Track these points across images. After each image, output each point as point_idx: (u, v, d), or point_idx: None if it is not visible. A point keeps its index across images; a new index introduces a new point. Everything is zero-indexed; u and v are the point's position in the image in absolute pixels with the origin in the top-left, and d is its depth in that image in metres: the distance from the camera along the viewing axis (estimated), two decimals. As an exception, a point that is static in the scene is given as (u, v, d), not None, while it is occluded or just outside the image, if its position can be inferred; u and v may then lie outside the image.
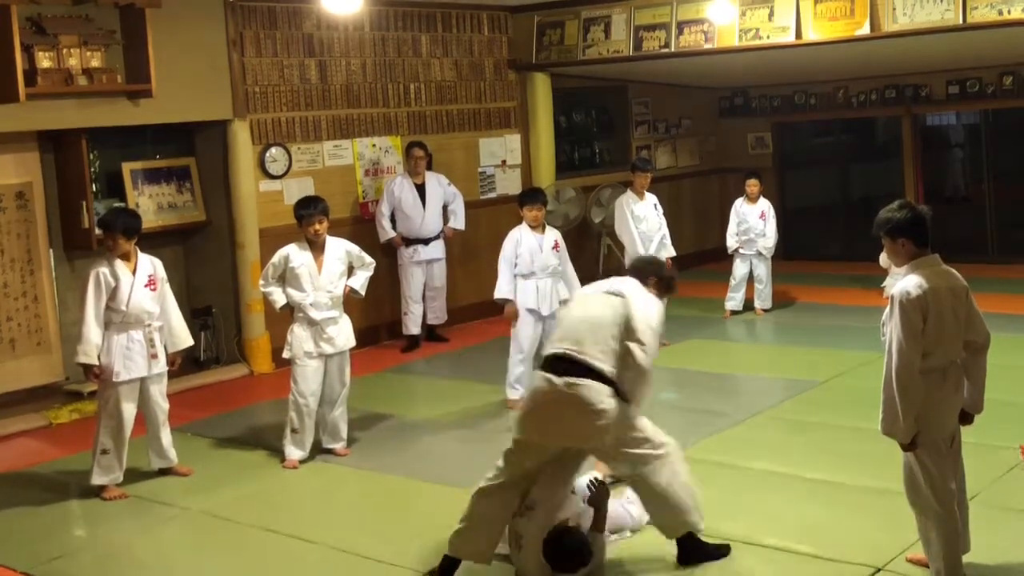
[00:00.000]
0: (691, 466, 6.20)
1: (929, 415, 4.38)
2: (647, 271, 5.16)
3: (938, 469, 4.43)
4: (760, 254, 10.41)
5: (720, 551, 4.93)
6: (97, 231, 7.62)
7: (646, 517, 5.19)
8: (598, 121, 12.78)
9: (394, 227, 9.73)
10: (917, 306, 4.31)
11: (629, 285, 4.95)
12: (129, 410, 6.35)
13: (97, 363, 6.23)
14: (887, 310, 4.46)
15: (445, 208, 9.94)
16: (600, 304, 4.83)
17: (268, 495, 6.31)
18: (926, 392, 4.35)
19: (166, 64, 8.16)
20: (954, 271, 4.52)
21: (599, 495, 4.91)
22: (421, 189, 9.75)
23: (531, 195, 7.93)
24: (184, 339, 6.69)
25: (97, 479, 6.31)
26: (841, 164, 14.13)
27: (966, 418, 4.58)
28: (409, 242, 9.75)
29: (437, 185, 9.86)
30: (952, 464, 4.52)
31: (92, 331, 6.19)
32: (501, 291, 7.68)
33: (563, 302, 7.90)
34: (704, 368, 8.60)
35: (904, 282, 4.41)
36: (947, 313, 4.38)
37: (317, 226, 6.68)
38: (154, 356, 6.41)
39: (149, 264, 6.45)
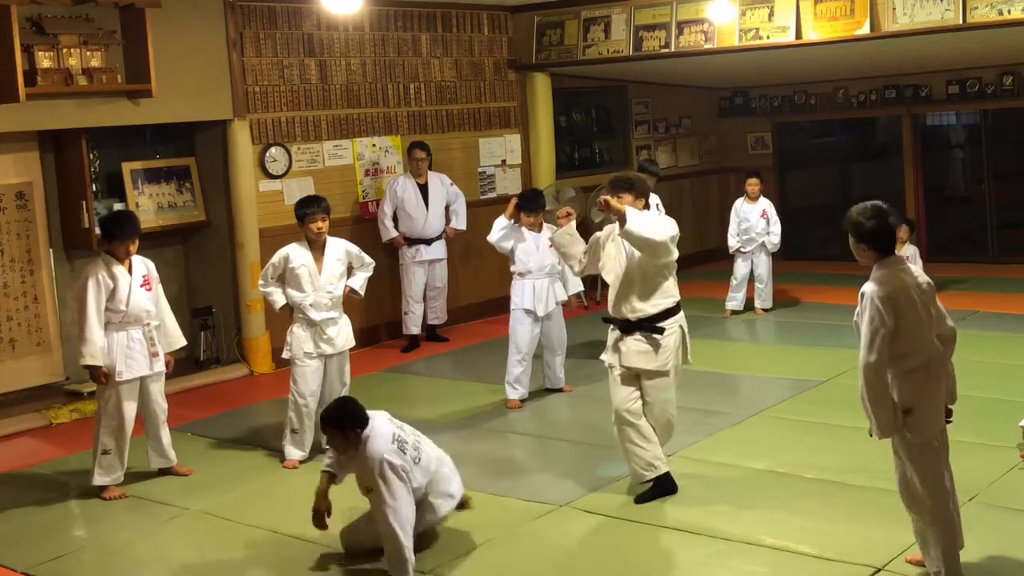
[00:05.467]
0: (691, 466, 6.25)
1: (918, 413, 4.38)
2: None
3: (932, 467, 4.42)
4: (763, 247, 10.40)
5: None
6: (97, 232, 7.61)
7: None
8: (598, 121, 12.77)
9: (396, 227, 9.74)
10: (887, 303, 4.33)
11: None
12: (130, 409, 6.35)
13: (103, 364, 6.23)
14: (858, 307, 4.47)
15: (447, 208, 9.95)
16: None
17: (268, 495, 6.31)
18: (913, 390, 4.35)
19: (166, 64, 8.16)
20: (915, 270, 4.54)
21: None
22: (424, 189, 9.75)
23: (531, 201, 7.76)
24: (178, 339, 6.69)
25: (99, 479, 6.31)
26: (841, 164, 14.11)
27: (947, 413, 4.57)
28: (411, 242, 9.74)
29: (440, 185, 9.86)
30: (945, 460, 4.51)
31: (95, 333, 6.19)
32: (495, 234, 7.77)
33: (560, 303, 7.90)
34: (704, 368, 8.56)
35: (873, 280, 4.44)
36: (918, 309, 4.39)
37: (320, 224, 6.68)
38: (155, 355, 6.42)
39: (142, 264, 6.46)
